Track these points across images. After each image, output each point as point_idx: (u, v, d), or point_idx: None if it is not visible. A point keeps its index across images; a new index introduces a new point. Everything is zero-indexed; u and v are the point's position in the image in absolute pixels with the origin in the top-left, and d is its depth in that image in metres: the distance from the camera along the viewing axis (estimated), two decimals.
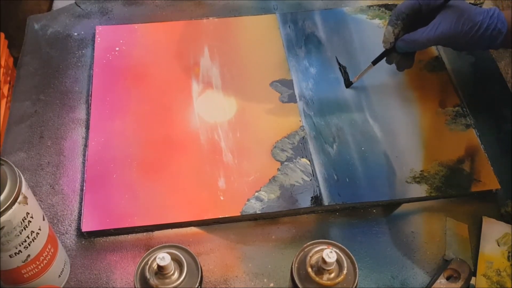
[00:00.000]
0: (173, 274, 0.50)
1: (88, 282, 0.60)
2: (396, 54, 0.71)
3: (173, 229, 0.64)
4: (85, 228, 0.63)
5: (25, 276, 0.53)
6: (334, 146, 0.71)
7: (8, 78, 1.02)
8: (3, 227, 0.48)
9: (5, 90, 1.00)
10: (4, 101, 0.98)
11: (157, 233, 0.64)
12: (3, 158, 0.49)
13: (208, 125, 0.72)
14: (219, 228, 0.65)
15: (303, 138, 0.71)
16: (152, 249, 0.52)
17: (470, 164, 0.69)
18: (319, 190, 0.66)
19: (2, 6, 1.11)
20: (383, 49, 0.72)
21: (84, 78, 0.78)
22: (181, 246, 0.53)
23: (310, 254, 0.51)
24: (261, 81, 0.77)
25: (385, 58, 0.73)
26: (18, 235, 0.49)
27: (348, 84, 0.77)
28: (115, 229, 0.63)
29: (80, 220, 0.64)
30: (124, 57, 0.79)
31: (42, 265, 0.54)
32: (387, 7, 0.87)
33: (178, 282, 0.50)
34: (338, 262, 0.50)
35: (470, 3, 0.68)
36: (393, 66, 0.74)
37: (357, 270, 0.50)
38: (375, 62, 0.74)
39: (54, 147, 0.71)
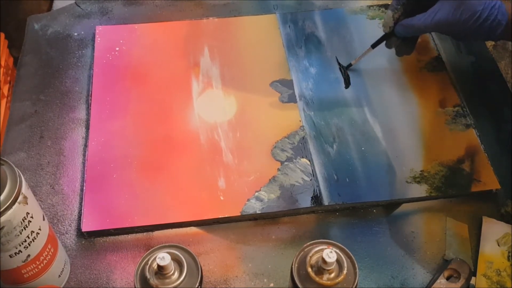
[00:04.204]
0: (173, 274, 0.50)
1: (88, 282, 0.60)
2: (395, 38, 0.72)
3: (173, 229, 0.64)
4: (85, 228, 0.63)
5: (25, 276, 0.53)
6: (334, 146, 0.71)
7: (8, 78, 1.02)
8: (3, 227, 0.48)
9: (5, 90, 1.00)
10: (4, 101, 0.98)
11: (157, 233, 0.64)
12: (3, 158, 0.49)
13: (208, 125, 0.72)
14: (219, 228, 0.65)
15: (303, 138, 0.71)
16: (152, 249, 0.52)
17: (470, 164, 0.69)
18: (319, 190, 0.66)
19: (2, 6, 1.11)
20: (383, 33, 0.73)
21: (84, 78, 0.78)
22: (181, 246, 0.53)
23: (310, 254, 0.50)
24: (261, 81, 0.77)
25: (384, 42, 0.73)
26: (18, 235, 0.49)
27: (348, 84, 0.77)
28: (115, 229, 0.63)
29: (80, 220, 0.64)
30: (124, 57, 0.79)
31: (42, 265, 0.54)
32: (387, 7, 0.87)
33: (178, 282, 0.50)
34: (338, 262, 0.50)
35: None
36: (393, 66, 0.74)
37: (357, 270, 0.50)
38: (374, 45, 0.74)
39: (54, 147, 0.71)
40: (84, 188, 0.66)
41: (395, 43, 0.72)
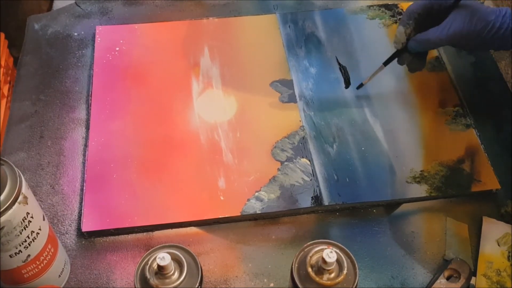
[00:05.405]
0: (173, 274, 0.50)
1: (88, 282, 0.60)
2: (407, 54, 0.71)
3: (173, 229, 0.64)
4: (85, 228, 0.63)
5: (25, 276, 0.53)
6: (334, 146, 0.71)
7: (8, 78, 1.02)
8: (3, 227, 0.48)
9: (5, 90, 1.00)
10: (4, 101, 0.98)
11: (157, 233, 0.64)
12: (3, 158, 0.49)
13: (208, 125, 0.72)
14: (219, 228, 0.65)
15: (303, 138, 0.71)
16: (152, 249, 0.52)
17: (470, 164, 0.69)
18: (319, 190, 0.66)
19: (2, 6, 1.11)
20: (394, 49, 0.71)
21: (84, 78, 0.78)
22: (181, 246, 0.53)
23: (310, 254, 0.51)
24: (261, 81, 0.77)
25: (396, 59, 0.72)
26: (18, 235, 0.49)
27: (348, 84, 0.77)
28: (115, 229, 0.63)
29: (80, 220, 0.64)
30: (124, 57, 0.79)
31: (42, 265, 0.54)
32: (387, 7, 0.87)
33: (178, 282, 0.50)
34: (338, 262, 0.50)
35: None
36: (393, 66, 0.74)
37: (357, 270, 0.50)
38: (386, 63, 0.73)
39: (54, 147, 0.71)
40: (84, 188, 0.66)
41: (407, 59, 0.71)
